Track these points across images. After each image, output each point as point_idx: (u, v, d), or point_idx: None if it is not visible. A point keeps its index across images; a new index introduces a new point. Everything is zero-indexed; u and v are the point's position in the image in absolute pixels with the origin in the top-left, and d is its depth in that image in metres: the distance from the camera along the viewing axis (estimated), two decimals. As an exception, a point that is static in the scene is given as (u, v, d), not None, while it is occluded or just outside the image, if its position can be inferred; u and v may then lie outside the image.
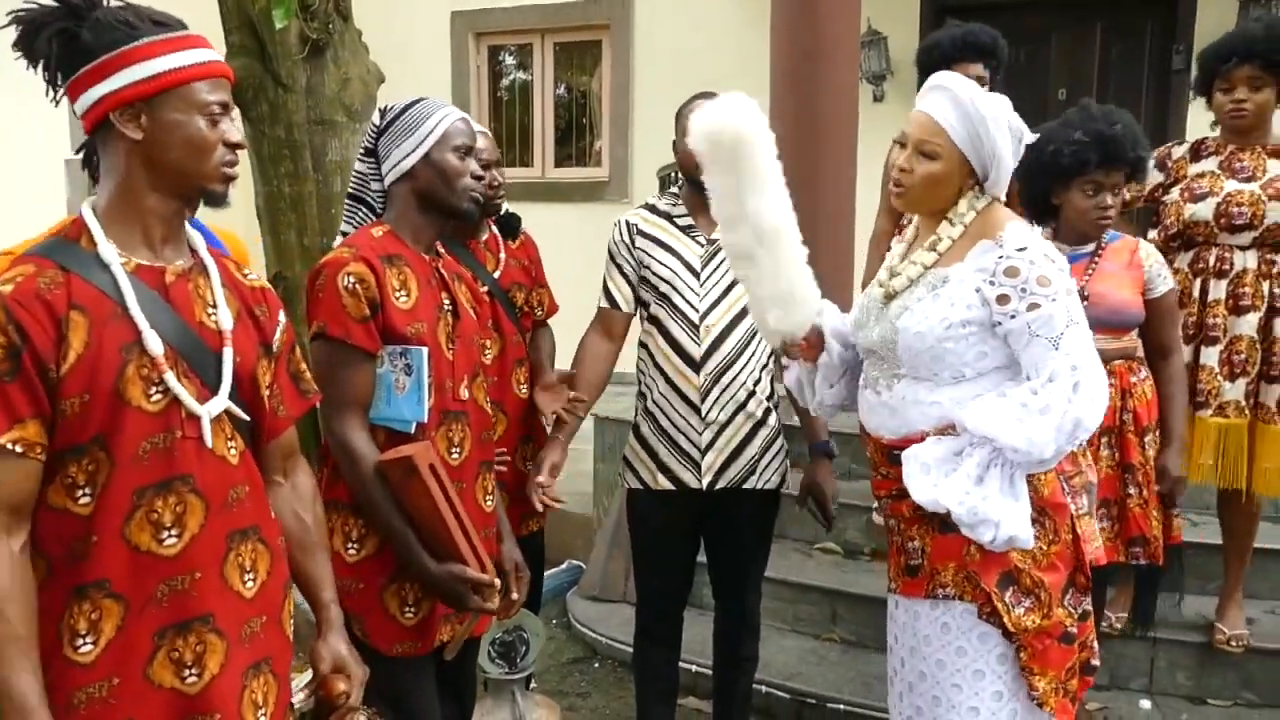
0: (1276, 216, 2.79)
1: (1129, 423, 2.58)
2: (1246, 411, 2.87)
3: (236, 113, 2.19)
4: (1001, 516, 1.80)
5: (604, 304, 2.62)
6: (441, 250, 2.52)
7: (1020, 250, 1.83)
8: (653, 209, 2.61)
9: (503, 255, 2.69)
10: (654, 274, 2.52)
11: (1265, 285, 2.84)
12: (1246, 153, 2.89)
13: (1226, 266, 2.85)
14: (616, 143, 7.23)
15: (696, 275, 2.50)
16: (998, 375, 1.90)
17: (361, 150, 2.02)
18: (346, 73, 3.61)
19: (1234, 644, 3.06)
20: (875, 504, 3.78)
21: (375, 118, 2.01)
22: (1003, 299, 1.82)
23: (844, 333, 2.17)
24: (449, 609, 1.95)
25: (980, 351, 1.88)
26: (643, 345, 2.60)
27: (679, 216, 2.56)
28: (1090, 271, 2.55)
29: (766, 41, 4.66)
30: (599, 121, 7.53)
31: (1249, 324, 2.84)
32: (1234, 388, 2.86)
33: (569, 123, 7.71)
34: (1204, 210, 2.84)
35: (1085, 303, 2.35)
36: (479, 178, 2.00)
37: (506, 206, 2.76)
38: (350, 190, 2.06)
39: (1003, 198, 1.98)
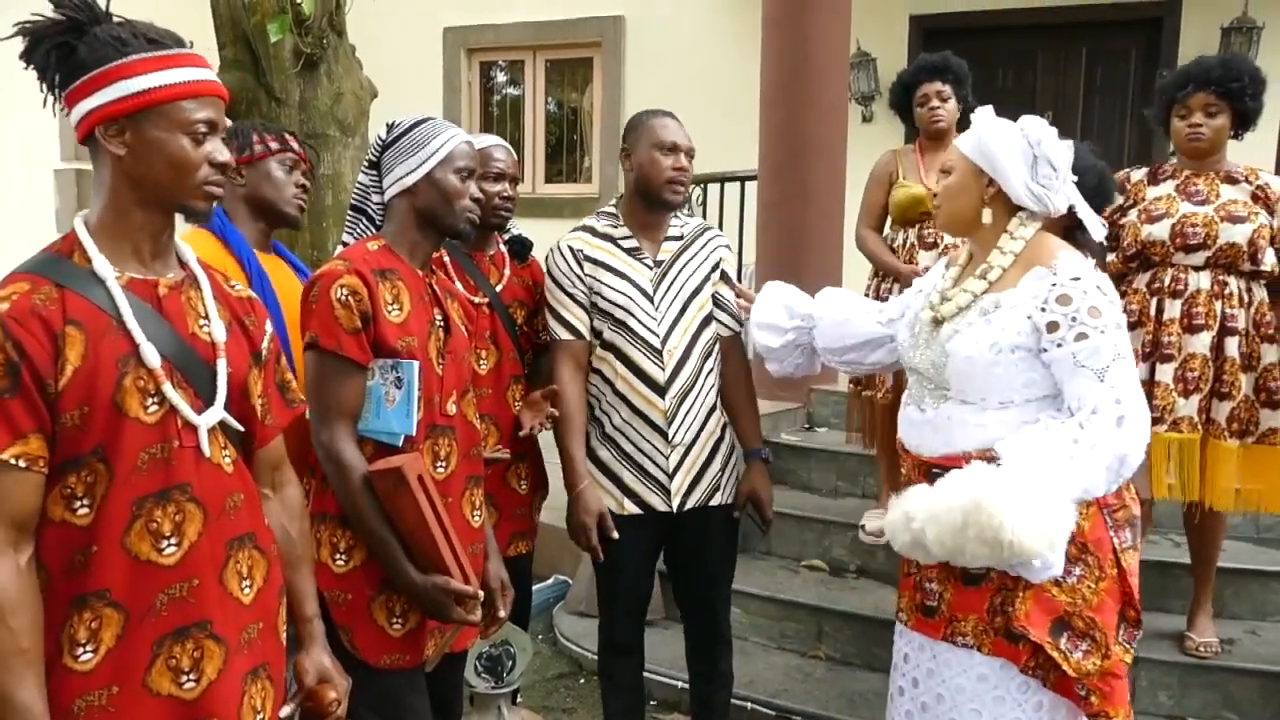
0: (1229, 237, 2.88)
1: None
2: (1199, 427, 2.94)
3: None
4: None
5: (565, 336, 2.50)
6: (446, 261, 2.54)
7: (1074, 279, 1.83)
8: (592, 231, 2.53)
9: (507, 272, 2.67)
10: (606, 300, 2.47)
11: (1218, 305, 2.92)
12: (1201, 178, 2.98)
13: (1181, 287, 2.93)
14: (607, 159, 7.26)
15: (650, 299, 2.47)
16: (1045, 403, 1.89)
17: (366, 163, 2.04)
18: (339, 87, 3.63)
19: (1203, 650, 3.10)
20: (862, 521, 3.81)
21: (381, 131, 2.02)
22: (1052, 326, 1.82)
23: (793, 308, 2.39)
24: (438, 623, 1.95)
25: (1029, 379, 1.87)
26: (596, 371, 2.54)
27: (623, 239, 2.51)
28: None
29: (757, 61, 4.70)
30: (589, 138, 7.57)
31: (1202, 343, 2.91)
32: (1187, 404, 2.92)
33: (559, 138, 7.75)
34: (1160, 231, 2.93)
35: None
36: (477, 200, 2.01)
37: (520, 231, 2.76)
38: (352, 201, 2.08)
39: (1059, 210, 1.94)
